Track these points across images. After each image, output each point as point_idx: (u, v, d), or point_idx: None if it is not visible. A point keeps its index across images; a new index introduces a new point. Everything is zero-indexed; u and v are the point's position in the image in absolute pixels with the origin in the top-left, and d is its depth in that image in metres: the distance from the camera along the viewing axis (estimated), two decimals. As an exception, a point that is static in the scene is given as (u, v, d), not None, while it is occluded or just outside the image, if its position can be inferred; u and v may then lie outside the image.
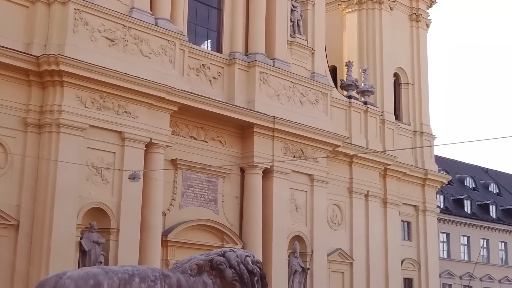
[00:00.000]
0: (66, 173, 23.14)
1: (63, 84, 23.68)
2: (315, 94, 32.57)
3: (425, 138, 39.34)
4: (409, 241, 37.86)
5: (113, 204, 24.42)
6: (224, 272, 11.94)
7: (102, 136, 24.50)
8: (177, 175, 27.76)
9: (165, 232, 26.57)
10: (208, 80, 29.03)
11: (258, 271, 12.43)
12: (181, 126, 28.12)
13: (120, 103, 25.07)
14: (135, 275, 10.72)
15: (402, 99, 39.67)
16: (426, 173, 38.48)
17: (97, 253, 23.60)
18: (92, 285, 10.11)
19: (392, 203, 36.49)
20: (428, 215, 38.60)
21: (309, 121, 31.44)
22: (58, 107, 23.50)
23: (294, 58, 32.39)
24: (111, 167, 24.48)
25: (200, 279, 11.70)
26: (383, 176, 36.30)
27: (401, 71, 39.74)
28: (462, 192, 52.19)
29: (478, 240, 49.29)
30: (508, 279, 50.65)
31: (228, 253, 12.39)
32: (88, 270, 10.49)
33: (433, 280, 38.10)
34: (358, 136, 35.38)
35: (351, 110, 35.44)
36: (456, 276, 46.83)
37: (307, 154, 31.38)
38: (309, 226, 31.23)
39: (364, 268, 34.06)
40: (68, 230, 23.04)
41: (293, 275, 30.18)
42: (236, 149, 29.81)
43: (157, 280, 10.92)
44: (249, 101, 29.74)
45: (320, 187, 31.87)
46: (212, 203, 28.81)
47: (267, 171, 29.82)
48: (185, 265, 11.91)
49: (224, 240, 28.21)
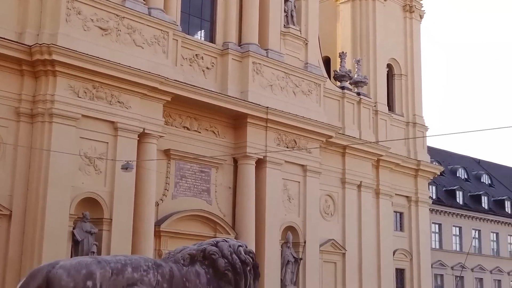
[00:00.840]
0: (59, 163, 23.10)
1: (55, 73, 23.60)
2: (308, 85, 32.58)
3: (418, 129, 39.44)
4: (401, 232, 38.01)
5: (106, 194, 24.41)
6: (216, 262, 11.98)
7: (95, 126, 24.45)
8: (170, 166, 27.75)
9: (158, 222, 26.59)
10: (201, 70, 28.98)
11: (250, 261, 12.47)
12: (174, 116, 28.09)
13: (113, 93, 25.01)
14: (127, 265, 10.74)
15: (395, 90, 39.72)
16: (418, 164, 38.60)
17: (90, 243, 23.61)
18: (85, 275, 10.13)
19: (384, 193, 36.60)
20: (421, 206, 38.75)
21: (302, 111, 31.46)
22: (51, 96, 23.43)
23: (288, 49, 32.36)
24: (104, 157, 24.45)
25: (193, 269, 11.73)
26: (375, 167, 36.39)
27: (394, 62, 39.77)
28: (454, 183, 52.40)
29: (470, 230, 49.52)
30: (499, 270, 50.95)
31: (220, 243, 12.42)
32: (81, 260, 10.52)
33: (425, 271, 38.29)
34: (351, 127, 35.43)
35: (344, 101, 35.47)
36: (448, 266, 47.08)
37: (300, 145, 31.42)
38: (301, 216, 31.31)
39: (357, 259, 34.19)
40: (61, 220, 23.02)
41: (286, 265, 30.27)
42: (229, 140, 29.82)
43: (150, 270, 10.95)
44: (242, 92, 29.72)
45: (313, 177, 31.93)
46: (205, 193, 28.83)
47: (260, 161, 29.86)
48: (178, 255, 11.94)
49: (217, 231, 28.25)
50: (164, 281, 11.03)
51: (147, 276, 10.81)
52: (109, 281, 10.37)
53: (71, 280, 10.00)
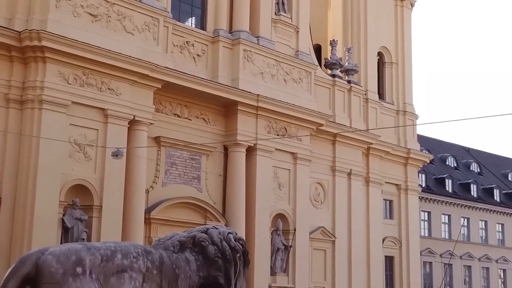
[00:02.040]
0: (49, 149, 23.03)
1: (45, 60, 23.47)
2: (299, 73, 32.56)
3: (408, 117, 39.52)
4: (391, 220, 38.19)
5: (96, 181, 24.37)
6: (206, 249, 12.00)
7: (85, 113, 24.37)
8: (161, 153, 27.73)
9: (148, 209, 26.60)
10: (192, 57, 28.91)
11: (240, 248, 12.50)
12: (165, 103, 28.03)
13: (103, 79, 24.92)
14: (117, 251, 10.74)
15: (386, 78, 39.76)
16: (408, 152, 38.72)
17: (80, 230, 23.59)
18: (74, 261, 10.12)
19: (374, 181, 36.73)
20: (410, 194, 38.91)
21: (293, 99, 31.46)
22: (40, 83, 23.32)
23: (279, 36, 32.31)
24: (94, 144, 24.39)
25: (183, 256, 11.76)
26: (366, 155, 36.50)
27: (385, 50, 39.79)
28: (444, 171, 52.62)
29: (459, 218, 49.81)
30: (487, 257, 51.34)
31: (210, 230, 12.44)
32: (70, 246, 10.50)
33: (414, 258, 38.52)
34: (342, 115, 35.47)
35: (335, 89, 35.49)
36: (436, 254, 47.38)
37: (291, 133, 31.45)
38: (292, 204, 31.40)
39: (346, 246, 34.34)
40: (51, 207, 22.99)
41: (276, 253, 30.38)
42: (220, 127, 29.80)
43: (140, 257, 10.96)
44: (233, 79, 29.68)
45: (303, 165, 31.99)
46: (195, 180, 28.85)
47: (250, 149, 29.88)
48: (168, 241, 11.95)
49: (207, 218, 28.30)
50: (154, 267, 11.04)
51: (137, 262, 10.82)
52: (99, 267, 10.38)
53: (61, 266, 9.99)
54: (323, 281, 33.13)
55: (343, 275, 33.79)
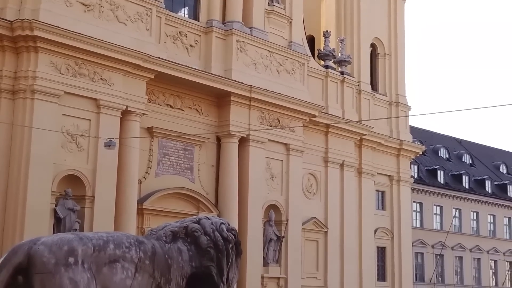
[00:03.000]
0: (41, 140, 22.97)
1: (37, 49, 23.38)
2: (292, 64, 32.55)
3: (401, 108, 39.58)
4: (383, 211, 38.31)
5: (89, 172, 24.34)
6: (199, 239, 12.01)
7: (77, 103, 24.30)
8: (153, 143, 27.70)
9: (140, 200, 26.59)
10: (185, 48, 28.84)
11: (233, 238, 12.52)
12: (158, 94, 27.98)
13: (95, 70, 24.84)
14: (109, 241, 10.74)
15: (379, 69, 39.78)
16: (401, 144, 38.80)
17: (72, 220, 23.57)
18: (66, 251, 10.11)
19: (367, 172, 36.81)
20: (402, 185, 39.03)
21: (285, 90, 31.46)
22: (33, 73, 23.23)
23: (272, 27, 32.26)
24: (86, 134, 24.34)
25: (175, 246, 11.76)
26: (358, 146, 36.56)
27: (378, 42, 39.78)
28: (436, 162, 52.78)
29: (451, 210, 50.00)
30: (479, 248, 51.60)
31: (203, 220, 12.45)
32: (63, 236, 10.49)
33: (405, 249, 38.67)
34: (335, 106, 35.49)
35: (327, 80, 35.49)
36: (428, 245, 47.59)
37: (283, 123, 31.47)
38: (284, 195, 31.45)
39: (338, 237, 34.45)
40: (43, 197, 22.95)
41: (268, 243, 30.45)
42: (213, 118, 29.78)
43: (132, 247, 10.96)
44: (226, 70, 29.63)
45: (296, 156, 32.03)
46: (188, 171, 28.84)
47: (243, 140, 29.88)
48: (160, 232, 11.95)
49: (199, 208, 28.32)
50: (146, 257, 11.05)
51: (129, 252, 10.82)
52: (91, 257, 10.37)
53: (53, 256, 9.98)
54: (315, 272, 33.25)
55: (335, 266, 33.92)
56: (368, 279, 35.81)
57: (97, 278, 10.39)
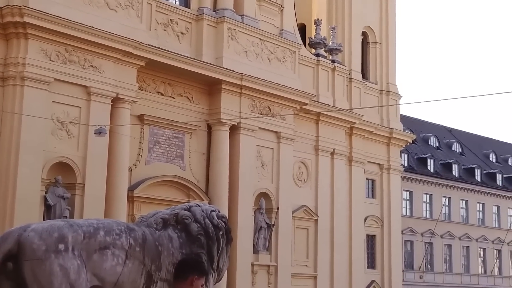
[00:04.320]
0: (31, 127, 22.88)
1: (27, 36, 23.24)
2: (283, 52, 32.51)
3: (391, 97, 39.65)
4: (373, 199, 38.44)
5: (79, 159, 24.29)
6: (189, 227, 12.03)
7: (67, 90, 24.21)
8: (144, 131, 27.65)
9: (131, 187, 26.58)
10: (175, 35, 28.74)
11: (223, 225, 12.54)
12: (148, 81, 27.90)
13: (86, 57, 24.73)
14: (100, 228, 10.74)
15: (370, 58, 39.79)
16: (391, 132, 38.90)
17: (62, 207, 23.54)
18: (57, 238, 10.11)
19: (357, 161, 36.91)
20: (392, 173, 39.16)
21: (276, 78, 31.44)
22: (22, 59, 23.11)
23: (263, 15, 32.18)
24: (76, 121, 24.27)
25: (165, 233, 11.78)
26: (349, 135, 36.62)
27: (369, 30, 39.76)
28: (426, 151, 52.94)
29: (440, 198, 50.22)
30: (468, 236, 51.91)
31: (193, 207, 12.46)
32: (53, 223, 10.49)
33: (395, 237, 38.87)
34: (325, 94, 35.51)
35: (318, 68, 35.48)
36: (418, 233, 47.83)
37: (274, 112, 31.47)
38: (275, 183, 31.50)
39: (329, 225, 34.57)
40: (33, 185, 22.90)
41: (259, 231, 30.54)
42: (203, 106, 29.74)
43: (122, 234, 10.96)
44: (217, 58, 29.57)
45: (287, 144, 32.07)
46: (179, 159, 28.83)
47: (234, 127, 29.87)
48: (150, 219, 11.96)
49: (190, 196, 28.33)
50: (136, 244, 11.06)
51: (120, 239, 10.83)
52: (81, 244, 10.37)
53: (43, 243, 9.98)
54: (306, 260, 33.39)
55: (325, 254, 34.06)
56: (357, 267, 36.01)
57: (87, 265, 10.40)
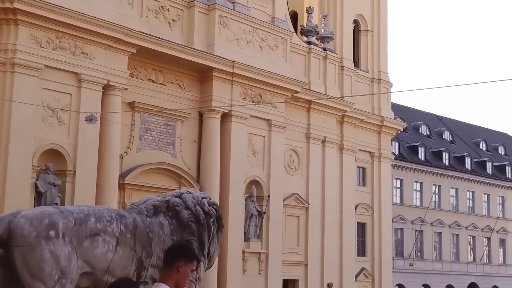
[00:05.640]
0: (21, 114, 22.80)
1: (17, 22, 23.11)
2: (275, 39, 32.46)
3: (382, 85, 39.68)
4: (364, 187, 38.56)
5: (70, 146, 24.24)
6: (180, 213, 12.08)
7: (58, 77, 24.12)
8: (135, 118, 27.60)
9: (122, 175, 26.56)
10: (167, 22, 28.63)
11: (214, 212, 12.60)
12: (139, 68, 27.81)
13: (76, 43, 24.62)
14: (90, 215, 10.77)
15: (361, 46, 39.79)
16: (382, 120, 38.97)
17: (53, 194, 23.52)
18: (47, 224, 10.13)
19: (348, 149, 36.98)
20: (383, 162, 39.27)
21: (268, 66, 31.41)
22: (13, 46, 22.99)
23: (255, 2, 32.08)
24: (67, 108, 24.19)
25: (156, 220, 11.82)
26: (340, 123, 36.66)
27: (361, 18, 39.72)
28: (417, 139, 53.08)
29: (431, 186, 50.44)
30: (457, 224, 52.20)
31: (184, 194, 12.51)
32: (43, 209, 10.51)
33: (385, 225, 39.05)
34: (317, 82, 35.51)
35: (310, 56, 35.45)
36: (408, 221, 48.06)
37: (266, 99, 31.46)
38: (266, 170, 31.55)
39: (319, 213, 34.68)
40: (24, 172, 22.85)
41: (250, 219, 30.61)
42: (195, 93, 29.69)
43: (113, 220, 11.01)
44: (208, 45, 29.50)
45: (278, 132, 32.09)
46: (170, 146, 28.81)
47: (225, 115, 29.86)
48: (141, 206, 12.01)
49: (181, 184, 28.33)
50: (127, 231, 11.11)
51: (110, 226, 10.87)
52: (72, 231, 10.41)
53: (33, 229, 10.00)
54: (296, 247, 33.51)
55: (316, 241, 34.19)
56: (348, 254, 36.17)
57: (78, 251, 10.44)
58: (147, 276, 11.39)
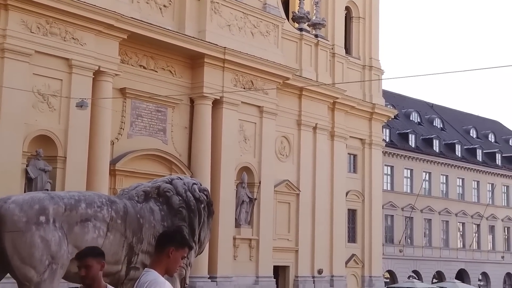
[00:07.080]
0: (11, 99, 22.71)
1: (7, 7, 22.96)
2: (267, 26, 32.39)
3: (374, 72, 39.71)
4: (355, 174, 38.67)
5: (60, 132, 24.17)
6: (171, 199, 12.10)
7: (48, 63, 24.00)
8: (126, 104, 27.54)
9: (113, 161, 26.54)
10: (158, 8, 28.50)
11: (205, 198, 12.64)
12: (130, 54, 27.71)
13: (67, 29, 24.49)
14: (81, 201, 10.78)
15: (353, 33, 39.75)
16: (373, 107, 39.04)
17: (44, 180, 23.48)
18: (38, 210, 10.13)
19: (339, 136, 37.05)
20: (374, 148, 39.38)
21: (259, 52, 31.36)
22: (3, 31, 22.86)
23: (246, -12, 31.95)
24: (58, 94, 24.10)
25: (147, 206, 11.85)
26: (331, 109, 36.70)
27: (352, 5, 39.66)
28: (408, 126, 53.21)
29: (421, 173, 50.63)
30: (447, 211, 52.49)
31: (175, 180, 12.54)
32: (34, 195, 10.52)
33: (376, 211, 39.22)
34: (308, 69, 35.49)
35: (302, 43, 35.40)
36: (398, 207, 48.28)
37: (257, 86, 31.44)
38: (257, 157, 31.59)
39: (310, 199, 34.78)
40: (14, 157, 22.79)
41: (241, 205, 30.68)
42: (186, 79, 29.64)
43: (104, 206, 11.02)
44: (200, 31, 29.41)
45: (269, 118, 32.11)
46: (161, 133, 28.78)
47: (216, 102, 29.83)
48: (132, 191, 12.02)
49: (172, 170, 28.33)
50: (118, 217, 11.13)
51: (101, 212, 10.89)
52: (62, 216, 10.41)
53: (24, 215, 10.00)
54: (287, 233, 33.63)
55: (306, 228, 34.33)
56: (338, 240, 36.35)
57: (69, 237, 10.45)
58: (137, 261, 11.43)
